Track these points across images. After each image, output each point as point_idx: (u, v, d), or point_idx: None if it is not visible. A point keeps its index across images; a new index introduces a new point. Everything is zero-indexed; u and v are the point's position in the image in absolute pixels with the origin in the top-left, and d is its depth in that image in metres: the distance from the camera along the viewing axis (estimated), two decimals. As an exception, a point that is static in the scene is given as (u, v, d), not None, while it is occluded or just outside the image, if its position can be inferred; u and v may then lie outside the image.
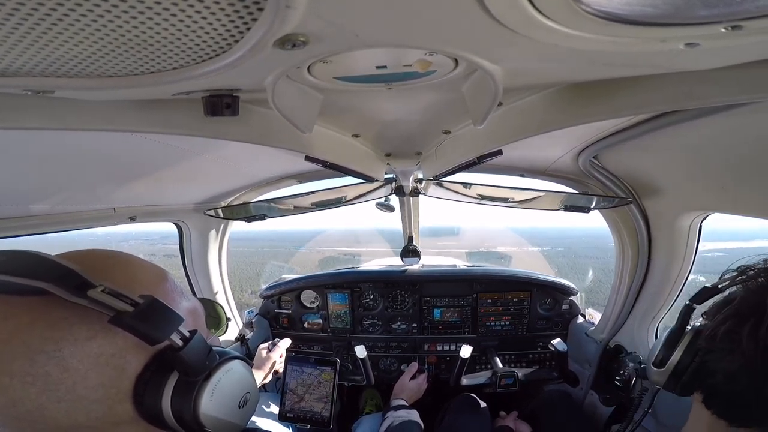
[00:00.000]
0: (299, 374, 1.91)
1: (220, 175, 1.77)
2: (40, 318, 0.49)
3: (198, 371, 0.57)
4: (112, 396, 0.53)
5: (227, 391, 0.61)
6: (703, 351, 0.82)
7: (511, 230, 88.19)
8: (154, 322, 0.52)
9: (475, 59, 0.65)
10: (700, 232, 1.58)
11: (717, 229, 1.57)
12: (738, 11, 0.45)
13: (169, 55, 0.55)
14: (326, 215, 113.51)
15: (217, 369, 0.61)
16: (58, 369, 0.48)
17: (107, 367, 0.52)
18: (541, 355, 2.54)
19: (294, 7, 0.44)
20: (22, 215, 1.27)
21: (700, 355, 0.83)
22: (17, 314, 0.49)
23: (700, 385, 0.84)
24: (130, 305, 0.50)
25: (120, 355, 0.53)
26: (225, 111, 0.82)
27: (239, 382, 0.64)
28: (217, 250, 2.39)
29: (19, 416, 0.48)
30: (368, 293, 2.60)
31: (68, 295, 0.48)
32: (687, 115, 0.94)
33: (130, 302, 0.50)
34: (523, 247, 45.84)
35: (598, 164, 1.54)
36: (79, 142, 1.03)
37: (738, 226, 1.65)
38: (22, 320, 0.48)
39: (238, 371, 0.65)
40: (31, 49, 0.50)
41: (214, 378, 0.59)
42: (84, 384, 0.50)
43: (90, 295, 0.48)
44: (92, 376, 0.51)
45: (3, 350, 0.47)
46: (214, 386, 0.59)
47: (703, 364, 0.82)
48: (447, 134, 1.39)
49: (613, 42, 0.54)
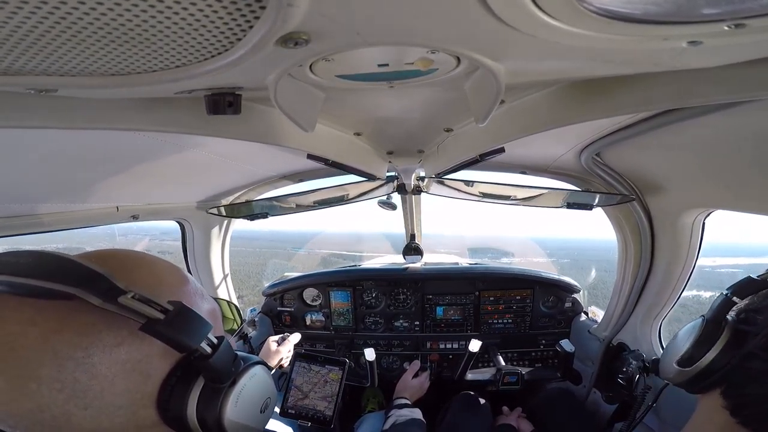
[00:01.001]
0: (307, 371, 1.91)
1: (223, 173, 1.77)
2: (68, 324, 0.49)
3: (225, 378, 0.58)
4: (137, 401, 0.53)
5: (251, 397, 0.62)
6: (745, 355, 0.71)
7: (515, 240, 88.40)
8: (185, 329, 0.52)
9: (477, 57, 0.65)
10: (703, 230, 1.58)
11: (731, 244, 1.55)
12: (741, 9, 0.45)
13: (172, 53, 0.55)
14: (326, 217, 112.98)
15: (242, 375, 0.61)
16: (87, 376, 0.48)
17: (134, 372, 0.52)
18: (543, 353, 2.54)
19: (296, 5, 0.44)
20: (25, 214, 1.28)
21: (739, 358, 0.72)
22: (45, 320, 0.48)
23: (729, 390, 0.73)
24: (161, 312, 0.50)
25: (146, 360, 0.53)
26: (227, 109, 0.82)
27: (262, 387, 0.65)
28: (220, 249, 2.39)
29: (43, 422, 0.48)
30: (370, 291, 2.61)
31: (99, 302, 0.48)
32: (690, 112, 0.94)
33: (160, 309, 0.50)
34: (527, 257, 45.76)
35: (601, 161, 1.54)
36: (81, 140, 1.04)
37: (753, 242, 1.57)
38: (50, 326, 0.48)
39: (261, 377, 0.65)
40: (33, 48, 0.50)
41: (239, 384, 0.60)
42: (111, 390, 0.50)
43: (121, 301, 0.48)
44: (119, 383, 0.51)
45: (31, 356, 0.47)
46: (239, 392, 0.59)
47: (741, 370, 0.72)
48: (449, 132, 1.39)
49: (615, 40, 0.54)
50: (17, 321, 0.48)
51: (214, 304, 0.71)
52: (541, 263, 43.64)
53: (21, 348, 0.47)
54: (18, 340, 0.47)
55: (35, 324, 0.48)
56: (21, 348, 0.47)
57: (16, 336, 0.47)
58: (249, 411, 0.61)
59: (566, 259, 54.49)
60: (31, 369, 0.47)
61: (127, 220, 1.68)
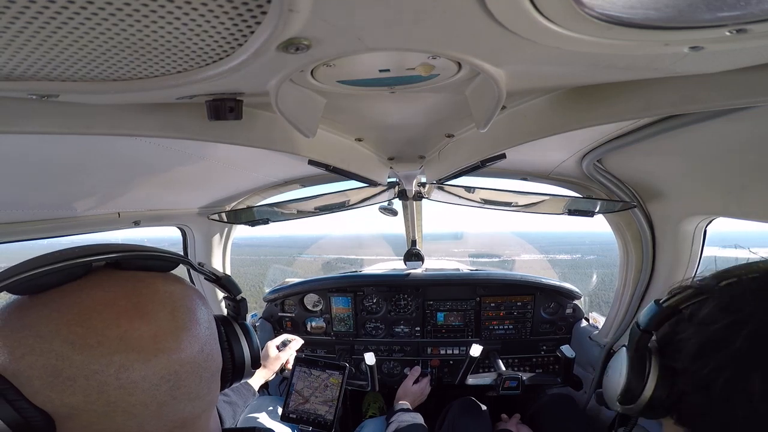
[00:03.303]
0: (307, 376, 1.91)
1: (224, 179, 1.77)
2: (182, 285, 0.63)
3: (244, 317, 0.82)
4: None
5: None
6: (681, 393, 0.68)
7: (520, 235, 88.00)
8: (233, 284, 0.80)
9: (478, 63, 0.65)
10: (705, 237, 1.57)
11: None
12: (743, 14, 0.45)
13: (173, 58, 0.55)
14: (329, 221, 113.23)
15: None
16: (208, 320, 0.64)
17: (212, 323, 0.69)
18: (544, 359, 2.53)
19: (297, 10, 0.44)
20: (26, 220, 1.27)
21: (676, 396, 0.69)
22: (167, 283, 0.60)
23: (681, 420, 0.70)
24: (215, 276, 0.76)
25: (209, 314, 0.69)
26: (228, 115, 0.82)
27: None
28: (221, 254, 2.39)
29: (201, 364, 0.58)
30: (371, 297, 2.60)
31: (198, 267, 0.71)
32: (691, 118, 0.93)
33: (214, 275, 0.76)
34: (534, 254, 45.50)
35: (602, 168, 1.54)
36: (83, 146, 1.04)
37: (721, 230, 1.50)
38: (172, 287, 0.60)
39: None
40: (35, 53, 0.50)
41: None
42: (215, 335, 0.66)
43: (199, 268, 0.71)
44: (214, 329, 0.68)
45: (187, 305, 0.60)
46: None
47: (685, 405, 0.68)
48: (450, 138, 1.39)
49: (616, 45, 0.54)
50: (158, 283, 0.59)
51: None
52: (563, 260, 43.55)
53: (179, 300, 0.59)
54: (173, 295, 0.59)
55: (166, 286, 0.60)
56: (179, 300, 0.59)
57: (170, 293, 0.59)
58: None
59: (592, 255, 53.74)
60: (191, 316, 0.59)
61: (129, 226, 1.68)
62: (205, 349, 0.59)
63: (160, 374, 0.52)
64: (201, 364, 0.58)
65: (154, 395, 0.52)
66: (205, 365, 0.59)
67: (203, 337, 0.59)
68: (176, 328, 0.55)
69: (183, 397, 0.55)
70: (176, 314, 0.57)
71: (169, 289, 0.59)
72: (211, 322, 0.63)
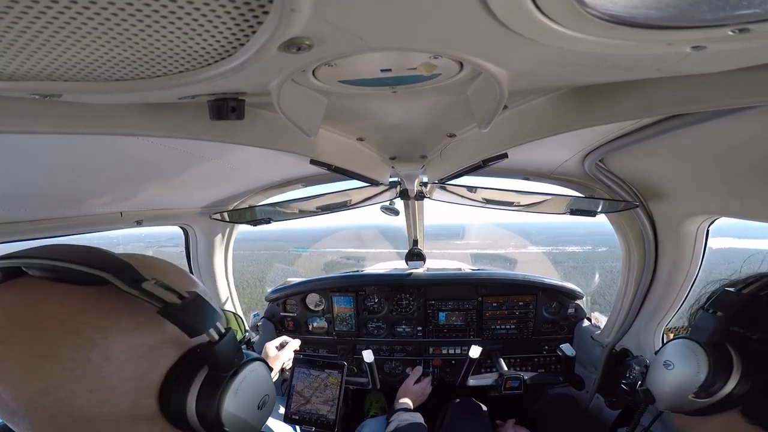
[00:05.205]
0: (306, 377, 1.92)
1: (226, 178, 1.78)
2: (93, 307, 0.52)
3: (227, 367, 0.60)
4: (141, 389, 0.55)
5: (250, 390, 0.63)
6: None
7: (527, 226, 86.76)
8: (198, 315, 0.56)
9: (480, 62, 0.65)
10: (707, 237, 1.57)
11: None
12: (745, 14, 0.45)
13: (176, 58, 0.55)
14: (330, 217, 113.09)
15: (244, 367, 0.63)
16: (100, 357, 0.51)
17: (144, 359, 0.54)
18: (546, 359, 2.53)
19: (299, 10, 0.44)
20: (29, 219, 1.28)
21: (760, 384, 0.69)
22: (73, 302, 0.52)
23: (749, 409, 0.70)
24: (178, 298, 0.54)
25: (157, 348, 0.56)
26: (230, 115, 0.82)
27: (261, 382, 0.67)
28: (223, 253, 2.40)
29: (45, 405, 0.50)
30: (373, 296, 2.60)
31: (125, 286, 0.52)
32: (694, 118, 0.93)
33: (178, 295, 0.54)
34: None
35: (604, 168, 1.54)
36: (85, 145, 1.04)
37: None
38: (77, 308, 0.52)
39: (262, 372, 0.67)
40: (39, 53, 0.51)
41: (240, 375, 0.61)
42: (120, 374, 0.52)
43: (144, 286, 0.52)
44: (128, 368, 0.53)
45: (54, 335, 0.50)
46: (239, 383, 0.61)
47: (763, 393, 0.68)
48: (452, 137, 1.39)
49: (618, 45, 0.54)
50: (49, 302, 0.51)
51: (219, 311, 0.73)
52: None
53: (48, 328, 0.50)
54: (47, 320, 0.50)
55: (64, 305, 0.51)
56: (48, 328, 0.50)
57: (45, 316, 0.50)
58: (247, 404, 0.63)
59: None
60: (52, 347, 0.49)
61: (131, 226, 1.68)
62: (60, 391, 0.49)
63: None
64: (47, 406, 0.49)
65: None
66: (57, 407, 0.50)
67: (56, 374, 0.49)
68: (24, 357, 0.49)
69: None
70: (33, 341, 0.49)
71: (52, 309, 0.51)
72: (89, 360, 0.50)
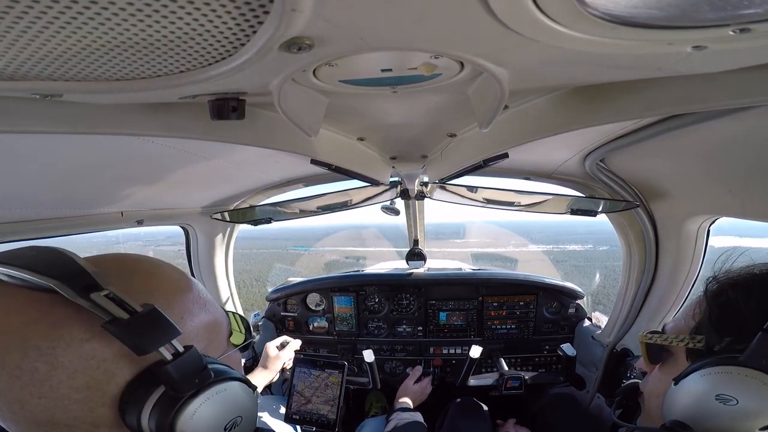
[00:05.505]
0: (307, 376, 1.92)
1: (227, 178, 1.78)
2: (47, 315, 0.51)
3: (185, 388, 0.56)
4: (96, 399, 0.53)
5: (213, 412, 0.59)
6: None
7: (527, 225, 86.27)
8: (145, 332, 0.52)
9: (481, 62, 0.65)
10: (708, 236, 1.57)
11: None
12: (746, 14, 0.45)
13: (176, 58, 0.55)
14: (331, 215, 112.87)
15: (208, 388, 0.58)
16: (47, 366, 0.50)
17: (97, 370, 0.52)
18: (547, 359, 2.53)
19: (300, 10, 0.44)
20: (30, 219, 1.28)
21: None
22: (25, 309, 0.51)
23: None
24: (127, 313, 0.51)
25: (113, 360, 0.53)
26: (231, 114, 0.82)
27: (231, 404, 0.61)
28: (224, 253, 2.40)
29: (1, 406, 0.51)
30: (373, 296, 2.60)
31: (72, 295, 0.49)
32: (695, 118, 0.93)
33: (129, 310, 0.51)
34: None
35: (605, 167, 1.53)
36: (86, 146, 1.04)
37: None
38: (28, 316, 0.50)
39: (233, 392, 0.62)
40: (39, 53, 0.51)
41: (201, 397, 0.57)
42: (69, 383, 0.51)
43: (92, 297, 0.50)
44: (79, 377, 0.51)
45: (5, 343, 0.49)
46: (199, 405, 0.57)
47: None
48: (452, 137, 1.39)
49: (619, 45, 0.54)
50: (6, 308, 0.51)
51: (218, 316, 0.71)
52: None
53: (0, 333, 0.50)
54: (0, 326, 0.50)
55: (20, 312, 0.51)
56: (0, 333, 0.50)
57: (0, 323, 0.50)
58: (209, 426, 0.58)
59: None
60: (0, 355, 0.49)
61: (132, 225, 1.69)
62: (8, 396, 0.50)
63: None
64: (1, 407, 0.51)
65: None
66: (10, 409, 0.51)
67: (3, 380, 0.49)
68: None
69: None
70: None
71: (2, 316, 0.51)
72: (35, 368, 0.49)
